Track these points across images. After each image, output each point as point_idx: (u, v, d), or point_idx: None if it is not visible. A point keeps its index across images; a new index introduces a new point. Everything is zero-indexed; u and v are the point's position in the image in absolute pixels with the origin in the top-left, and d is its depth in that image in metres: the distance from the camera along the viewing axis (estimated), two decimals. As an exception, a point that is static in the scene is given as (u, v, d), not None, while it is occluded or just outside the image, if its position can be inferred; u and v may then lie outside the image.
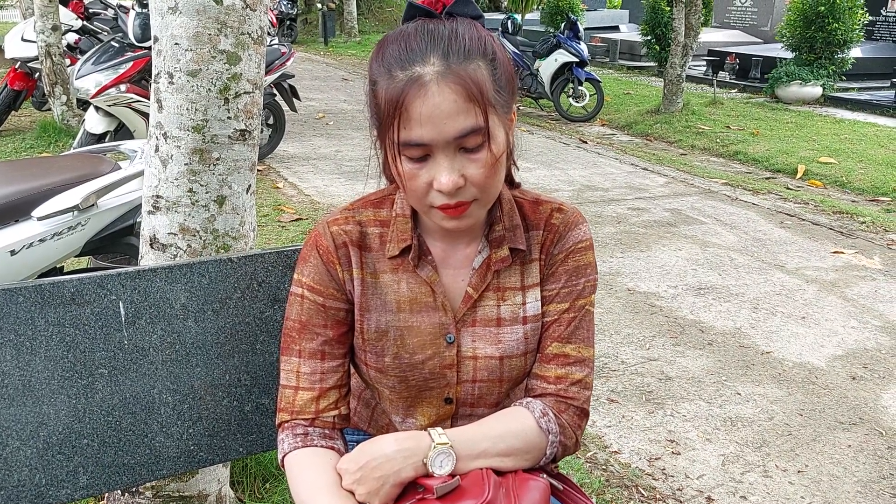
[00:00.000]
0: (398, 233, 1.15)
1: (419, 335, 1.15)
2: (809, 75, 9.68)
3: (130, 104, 5.20)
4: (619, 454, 2.55)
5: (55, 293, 1.26)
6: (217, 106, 1.70)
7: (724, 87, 10.78)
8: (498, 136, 1.03)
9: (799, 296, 3.91)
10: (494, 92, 1.02)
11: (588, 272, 1.19)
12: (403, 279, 1.16)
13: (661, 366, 3.14)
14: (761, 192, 5.97)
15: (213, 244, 1.80)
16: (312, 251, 1.16)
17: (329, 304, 1.16)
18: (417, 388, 1.17)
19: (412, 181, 1.03)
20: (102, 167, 2.46)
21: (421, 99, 0.98)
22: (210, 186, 1.75)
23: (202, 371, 1.39)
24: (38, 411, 1.28)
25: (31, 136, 6.69)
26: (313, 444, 1.14)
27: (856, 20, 9.58)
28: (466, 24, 1.04)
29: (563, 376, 1.16)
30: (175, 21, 1.64)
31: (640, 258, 4.42)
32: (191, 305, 1.37)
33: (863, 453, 2.58)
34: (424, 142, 0.99)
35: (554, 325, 1.18)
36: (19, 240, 2.21)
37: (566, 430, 1.15)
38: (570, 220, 1.19)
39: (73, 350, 1.29)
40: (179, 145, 1.71)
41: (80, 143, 5.28)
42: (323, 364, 1.16)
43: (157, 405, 1.37)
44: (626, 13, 16.83)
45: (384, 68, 1.02)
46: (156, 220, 1.78)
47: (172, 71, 1.67)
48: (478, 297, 1.16)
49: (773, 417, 2.78)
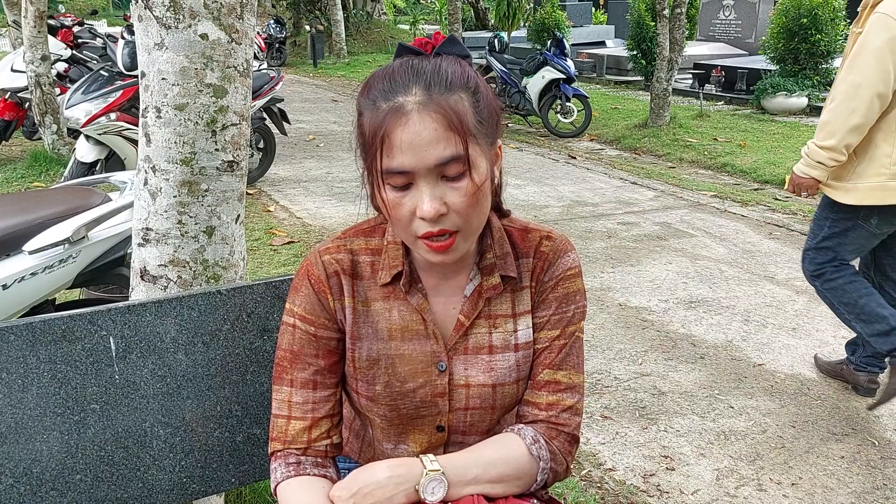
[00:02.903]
0: (390, 260, 1.17)
1: (410, 363, 1.17)
2: (794, 86, 9.77)
3: (121, 132, 5.22)
4: (613, 471, 2.56)
5: (46, 330, 1.27)
6: (205, 138, 1.72)
7: (710, 100, 10.87)
8: (480, 166, 1.05)
9: (789, 307, 3.94)
10: (476, 123, 1.04)
11: (577, 299, 1.21)
12: (395, 307, 1.17)
13: (654, 381, 3.16)
14: (750, 203, 6.01)
15: (204, 274, 1.81)
16: (304, 281, 1.18)
17: (321, 334, 1.17)
18: (409, 416, 1.18)
19: (396, 209, 1.05)
20: (93, 199, 2.47)
21: (402, 127, 1.00)
22: (199, 218, 1.77)
23: (193, 403, 1.40)
24: (31, 448, 1.29)
25: (22, 165, 6.70)
26: (306, 472, 1.16)
27: (838, 31, 9.69)
28: (451, 60, 1.07)
29: (555, 403, 1.18)
30: (161, 56, 1.67)
31: (631, 273, 4.45)
32: (181, 338, 1.38)
33: (856, 464, 2.59)
34: (406, 169, 1.01)
35: (545, 352, 1.19)
36: (11, 274, 2.21)
37: (557, 456, 1.17)
38: (560, 247, 1.21)
39: (64, 386, 1.30)
40: (168, 178, 1.73)
41: (70, 172, 5.29)
42: (315, 393, 1.18)
43: (149, 438, 1.38)
44: (611, 28, 16.97)
45: (370, 101, 1.05)
46: (146, 252, 1.79)
47: (160, 105, 1.69)
48: (469, 324, 1.18)
49: (767, 430, 2.79)
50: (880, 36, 2.46)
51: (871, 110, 2.51)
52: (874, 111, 2.52)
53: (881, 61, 2.47)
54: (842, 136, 2.56)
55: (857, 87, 2.51)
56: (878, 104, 2.51)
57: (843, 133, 2.56)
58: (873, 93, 2.49)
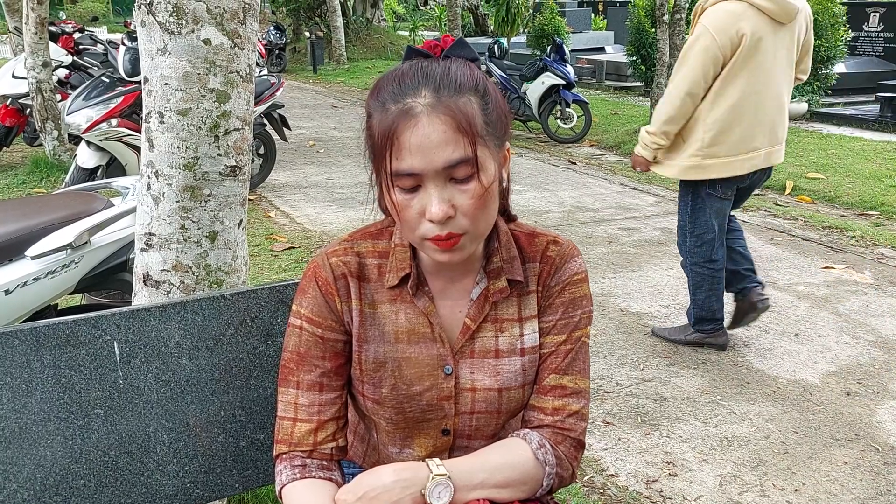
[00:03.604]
0: (397, 262, 1.17)
1: (417, 366, 1.17)
2: (794, 91, 9.78)
3: (122, 138, 5.22)
4: (616, 477, 2.55)
5: (50, 335, 1.27)
6: (207, 143, 1.73)
7: (710, 106, 10.86)
8: (488, 168, 1.05)
9: (791, 312, 3.93)
10: (484, 125, 1.04)
11: (584, 304, 1.21)
12: (401, 310, 1.17)
13: (656, 386, 3.15)
14: (750, 208, 6.01)
15: (206, 279, 1.81)
16: (311, 283, 1.18)
17: (327, 336, 1.17)
18: (415, 419, 1.18)
19: (404, 211, 1.05)
20: (95, 205, 2.47)
21: (411, 129, 1.00)
22: (202, 223, 1.77)
23: (197, 408, 1.40)
24: (35, 453, 1.28)
25: (23, 171, 6.71)
26: (311, 475, 1.15)
27: (838, 36, 9.71)
28: (460, 63, 1.07)
29: (561, 408, 1.18)
30: (164, 62, 1.67)
31: (632, 278, 4.44)
32: (185, 343, 1.38)
33: (859, 470, 2.59)
34: (415, 171, 1.01)
35: (551, 357, 1.19)
36: (13, 279, 2.22)
37: (563, 461, 1.17)
38: (566, 252, 1.21)
39: (68, 391, 1.29)
40: (171, 183, 1.73)
41: (71, 178, 5.29)
42: (321, 396, 1.17)
43: (152, 443, 1.37)
44: (611, 34, 17.00)
45: (379, 103, 1.05)
46: (149, 257, 1.79)
47: (162, 110, 1.70)
48: (476, 328, 1.18)
49: (769, 436, 2.79)
50: (701, 44, 3.01)
51: (683, 106, 3.09)
52: (687, 107, 3.09)
53: (696, 69, 3.02)
54: (660, 126, 3.16)
55: (678, 87, 3.08)
56: (689, 102, 3.08)
57: (660, 124, 3.16)
58: (687, 94, 3.06)
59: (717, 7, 3.02)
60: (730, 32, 2.97)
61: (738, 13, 2.98)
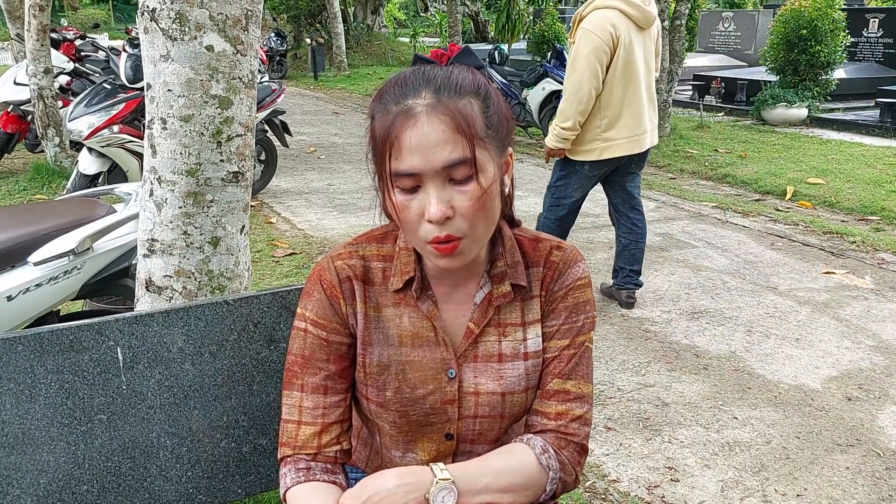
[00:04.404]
0: (402, 266, 1.17)
1: (420, 370, 1.17)
2: (794, 97, 9.80)
3: (123, 145, 5.23)
4: (618, 483, 2.55)
5: (54, 341, 1.27)
6: (210, 149, 1.73)
7: (710, 111, 10.90)
8: (487, 171, 1.05)
9: (792, 317, 3.93)
10: (485, 127, 1.05)
11: (587, 309, 1.21)
12: (405, 313, 1.18)
13: (658, 392, 3.15)
14: (751, 214, 6.02)
15: (209, 285, 1.81)
16: (316, 285, 1.18)
17: (332, 339, 1.17)
18: (418, 423, 1.19)
19: (404, 212, 1.05)
20: (97, 211, 2.47)
21: (410, 129, 1.01)
22: (204, 228, 1.78)
23: (200, 413, 1.40)
24: (38, 459, 1.29)
25: (25, 178, 6.72)
26: (316, 478, 1.15)
27: (838, 42, 9.73)
28: (463, 68, 1.08)
29: (564, 412, 1.18)
30: (167, 68, 1.68)
31: (634, 284, 4.44)
32: (188, 349, 1.38)
33: (861, 475, 2.59)
34: (414, 171, 1.02)
35: (554, 362, 1.20)
36: (16, 285, 2.22)
37: (566, 466, 1.17)
38: (570, 257, 1.21)
39: (72, 397, 1.30)
40: (173, 189, 1.74)
41: (73, 184, 5.30)
42: (325, 398, 1.18)
43: (155, 449, 1.38)
44: (611, 40, 17.02)
45: (381, 105, 1.06)
46: (151, 262, 1.79)
47: (165, 117, 1.70)
48: (479, 332, 1.18)
49: (771, 441, 2.79)
50: (587, 46, 3.56)
51: (590, 99, 3.61)
52: (592, 99, 3.62)
53: (591, 65, 3.56)
54: (574, 119, 3.63)
55: (579, 83, 3.58)
56: (594, 94, 3.61)
57: (574, 117, 3.63)
58: (590, 87, 3.58)
59: (595, 13, 3.62)
60: (609, 32, 3.56)
61: (611, 18, 3.59)
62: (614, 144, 3.71)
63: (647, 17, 3.69)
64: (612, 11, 3.60)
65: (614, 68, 3.61)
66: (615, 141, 3.71)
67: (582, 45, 3.58)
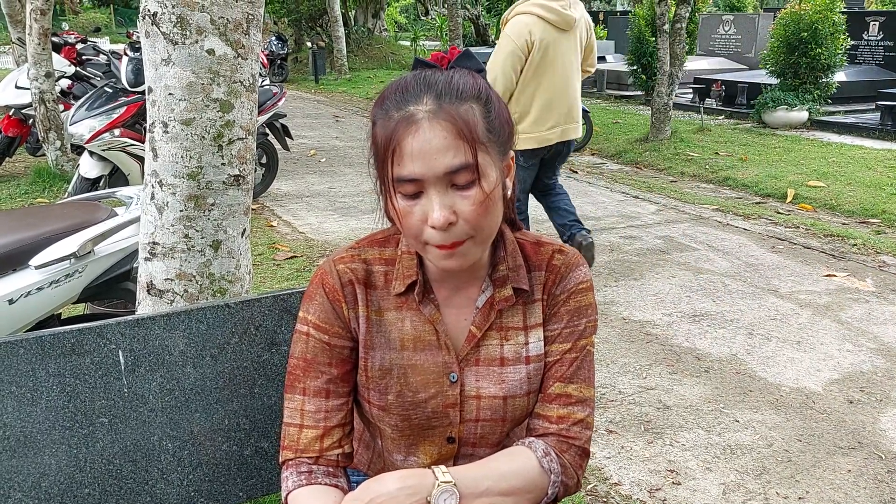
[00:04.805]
0: (404, 269, 1.17)
1: (422, 373, 1.17)
2: (795, 100, 9.80)
3: (125, 148, 5.23)
4: (619, 486, 2.55)
5: (55, 344, 1.28)
6: (211, 153, 1.74)
7: (711, 114, 10.90)
8: (490, 175, 1.06)
9: (793, 320, 3.93)
10: (486, 132, 1.05)
11: (589, 313, 1.22)
12: (407, 317, 1.18)
13: (659, 395, 3.15)
14: (752, 217, 6.02)
15: (210, 288, 1.82)
16: (318, 289, 1.18)
17: (334, 343, 1.18)
18: (420, 426, 1.19)
19: (406, 218, 1.05)
20: (98, 214, 2.48)
21: (412, 135, 1.01)
22: (205, 232, 1.78)
23: (201, 417, 1.40)
24: (40, 462, 1.29)
25: (26, 181, 6.72)
26: (317, 481, 1.15)
27: (838, 45, 9.73)
28: (464, 72, 1.08)
29: (566, 416, 1.18)
30: (169, 72, 1.68)
31: (634, 286, 4.44)
32: (189, 352, 1.38)
33: (863, 478, 2.58)
34: (416, 177, 1.02)
35: (556, 366, 1.20)
36: (17, 289, 2.22)
37: (568, 470, 1.17)
38: (571, 261, 1.22)
39: (73, 400, 1.30)
40: (175, 192, 1.74)
41: (74, 188, 5.31)
42: (327, 402, 1.18)
43: (157, 452, 1.38)
44: (611, 44, 17.04)
45: (383, 111, 1.06)
46: (152, 266, 1.80)
47: (167, 120, 1.71)
48: (481, 336, 1.18)
49: (773, 444, 2.78)
50: (505, 49, 3.94)
51: (504, 95, 3.92)
52: (504, 96, 3.89)
53: (504, 67, 3.94)
54: None
55: (494, 80, 3.91)
56: (508, 94, 3.98)
57: None
58: (503, 87, 3.95)
59: (515, 19, 3.98)
60: (524, 36, 3.90)
61: (529, 23, 3.93)
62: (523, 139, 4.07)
63: (566, 20, 3.98)
64: (531, 17, 3.95)
65: (527, 70, 3.97)
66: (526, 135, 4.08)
67: (500, 47, 3.98)
